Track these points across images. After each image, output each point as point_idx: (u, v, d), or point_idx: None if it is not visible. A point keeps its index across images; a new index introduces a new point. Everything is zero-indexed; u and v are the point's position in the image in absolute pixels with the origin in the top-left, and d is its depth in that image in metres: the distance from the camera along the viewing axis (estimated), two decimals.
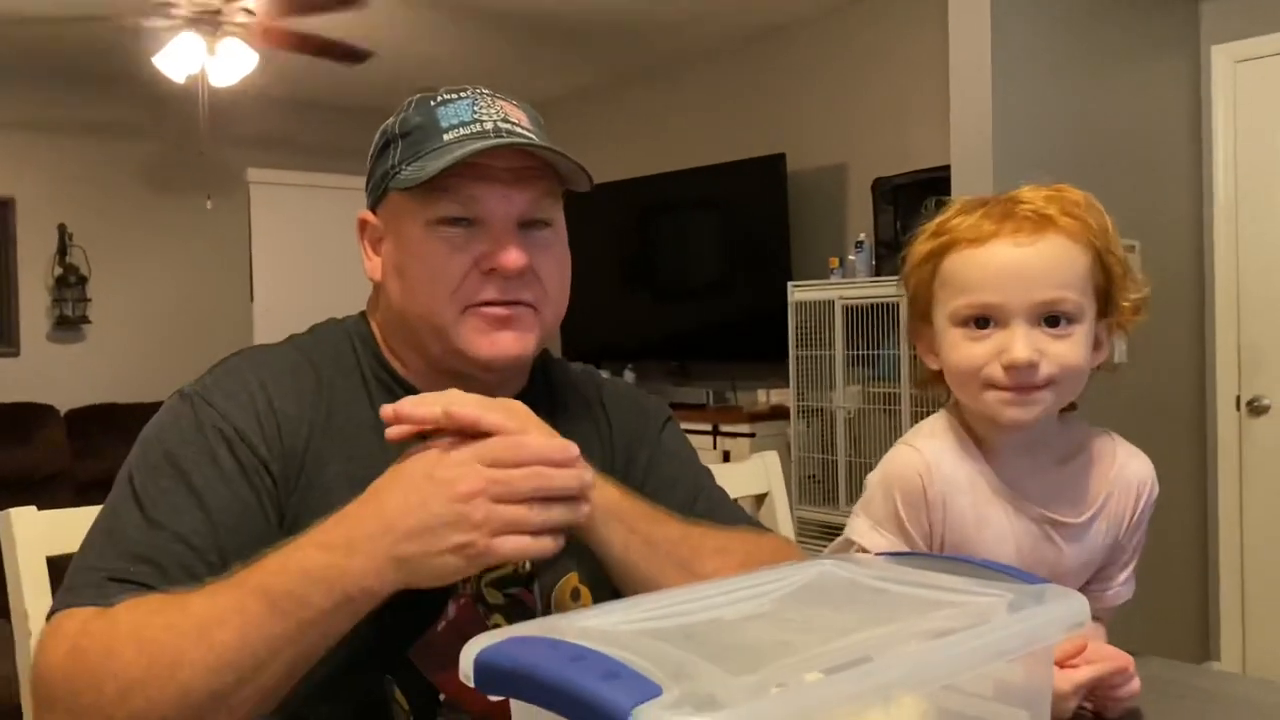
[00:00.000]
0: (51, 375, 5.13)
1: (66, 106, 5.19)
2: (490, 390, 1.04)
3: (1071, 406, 1.11)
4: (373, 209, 1.07)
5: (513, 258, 0.97)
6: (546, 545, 0.81)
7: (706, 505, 1.12)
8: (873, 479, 1.09)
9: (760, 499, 1.55)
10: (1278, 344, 3.49)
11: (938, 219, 1.07)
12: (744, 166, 4.67)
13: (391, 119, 1.05)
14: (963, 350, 1.01)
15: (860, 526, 1.07)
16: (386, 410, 0.85)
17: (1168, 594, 3.50)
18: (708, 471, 1.19)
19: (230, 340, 5.35)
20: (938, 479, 1.03)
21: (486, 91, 1.05)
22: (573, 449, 0.83)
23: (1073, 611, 0.71)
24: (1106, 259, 1.01)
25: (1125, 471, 1.09)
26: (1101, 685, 0.95)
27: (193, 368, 1.05)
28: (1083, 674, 0.93)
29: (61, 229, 5.19)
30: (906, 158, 4.07)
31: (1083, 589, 1.12)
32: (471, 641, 0.60)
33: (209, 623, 0.80)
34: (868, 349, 3.86)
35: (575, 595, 1.05)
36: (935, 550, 1.05)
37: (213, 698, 0.80)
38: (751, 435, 4.33)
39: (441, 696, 0.98)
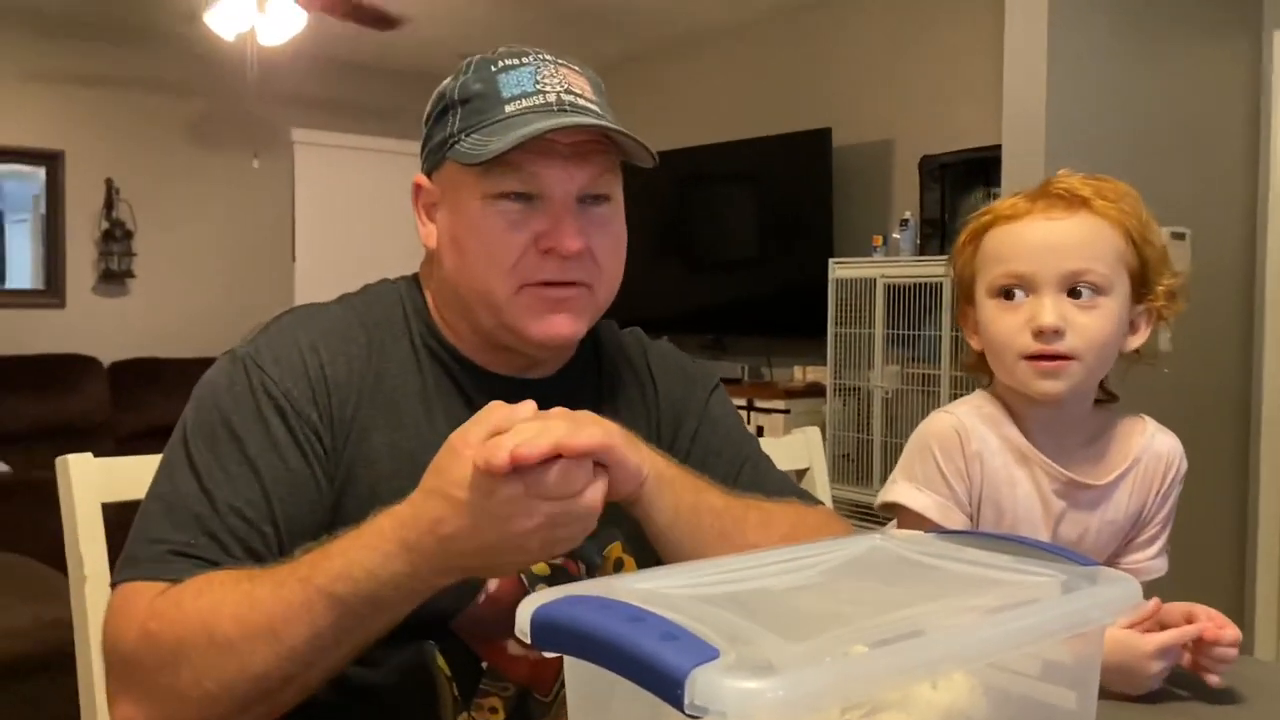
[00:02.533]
0: (96, 328, 5.20)
1: (116, 62, 5.23)
2: (537, 364, 1.05)
3: (1112, 398, 1.16)
4: (428, 174, 1.05)
5: (571, 239, 0.96)
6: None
7: (753, 474, 1.11)
8: (909, 446, 1.15)
9: (800, 474, 1.55)
10: None
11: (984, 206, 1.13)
12: (789, 140, 4.63)
13: (449, 81, 1.03)
14: (998, 321, 1.08)
15: (903, 490, 1.12)
16: (500, 459, 0.74)
17: (1205, 587, 3.46)
18: (754, 439, 1.18)
19: (271, 297, 5.42)
20: (974, 437, 1.10)
21: (549, 57, 1.02)
22: (602, 440, 0.79)
23: (1125, 595, 0.70)
24: (1141, 244, 1.06)
25: (1154, 443, 1.14)
26: (1196, 647, 0.98)
27: (234, 324, 1.05)
28: (1165, 637, 0.96)
29: (109, 183, 5.24)
30: (955, 136, 4.02)
31: (1113, 562, 1.14)
32: (528, 599, 0.61)
33: (277, 619, 0.81)
34: (908, 329, 3.83)
35: (619, 565, 1.05)
36: (973, 507, 1.10)
37: (284, 681, 0.83)
38: (786, 412, 4.32)
39: (484, 665, 0.99)
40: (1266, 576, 3.57)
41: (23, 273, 5.25)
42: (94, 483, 1.10)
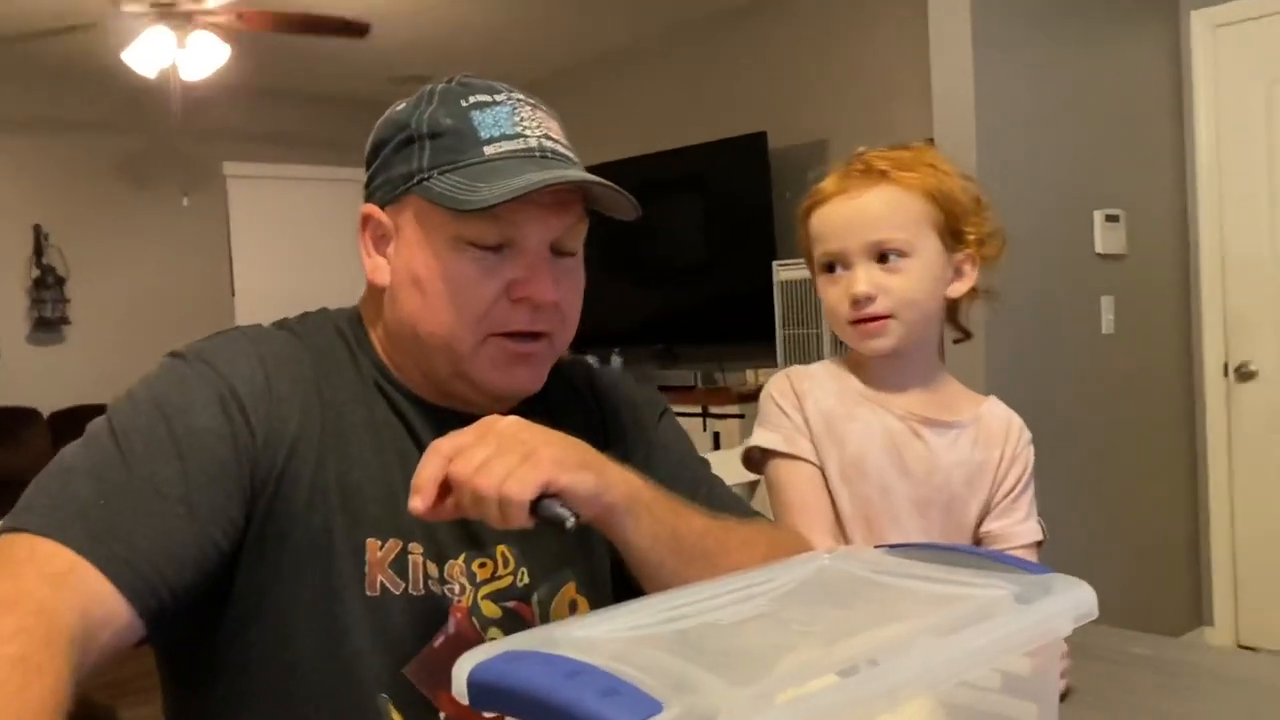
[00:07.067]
0: (32, 378, 5.09)
1: (38, 104, 5.12)
2: (489, 408, 1.01)
3: (967, 335, 1.27)
4: (381, 205, 0.98)
5: (547, 290, 0.94)
6: None
7: (709, 498, 1.08)
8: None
9: (753, 486, 1.54)
10: (1263, 309, 3.49)
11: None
12: (725, 146, 4.65)
13: (408, 108, 0.97)
14: (825, 293, 1.20)
15: (755, 435, 1.24)
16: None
17: (1160, 561, 3.51)
18: (705, 463, 1.16)
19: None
20: (803, 381, 1.23)
21: (520, 96, 0.98)
22: (540, 481, 0.78)
23: (1080, 601, 0.69)
24: (943, 201, 1.15)
25: (994, 408, 1.24)
26: None
27: None
28: None
29: (37, 230, 5.14)
30: (890, 132, 4.04)
31: (990, 536, 1.21)
32: (465, 656, 0.58)
33: None
34: None
35: (573, 606, 1.02)
36: (812, 443, 1.20)
37: None
38: (741, 416, 4.32)
39: (442, 716, 0.94)
40: (1220, 552, 3.62)
41: None
42: None
